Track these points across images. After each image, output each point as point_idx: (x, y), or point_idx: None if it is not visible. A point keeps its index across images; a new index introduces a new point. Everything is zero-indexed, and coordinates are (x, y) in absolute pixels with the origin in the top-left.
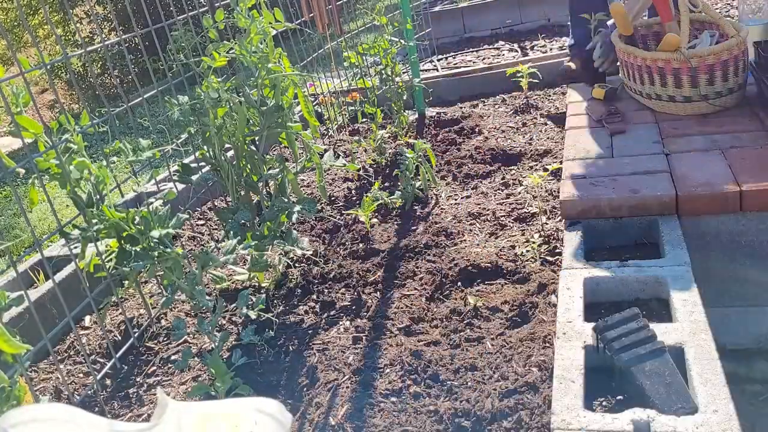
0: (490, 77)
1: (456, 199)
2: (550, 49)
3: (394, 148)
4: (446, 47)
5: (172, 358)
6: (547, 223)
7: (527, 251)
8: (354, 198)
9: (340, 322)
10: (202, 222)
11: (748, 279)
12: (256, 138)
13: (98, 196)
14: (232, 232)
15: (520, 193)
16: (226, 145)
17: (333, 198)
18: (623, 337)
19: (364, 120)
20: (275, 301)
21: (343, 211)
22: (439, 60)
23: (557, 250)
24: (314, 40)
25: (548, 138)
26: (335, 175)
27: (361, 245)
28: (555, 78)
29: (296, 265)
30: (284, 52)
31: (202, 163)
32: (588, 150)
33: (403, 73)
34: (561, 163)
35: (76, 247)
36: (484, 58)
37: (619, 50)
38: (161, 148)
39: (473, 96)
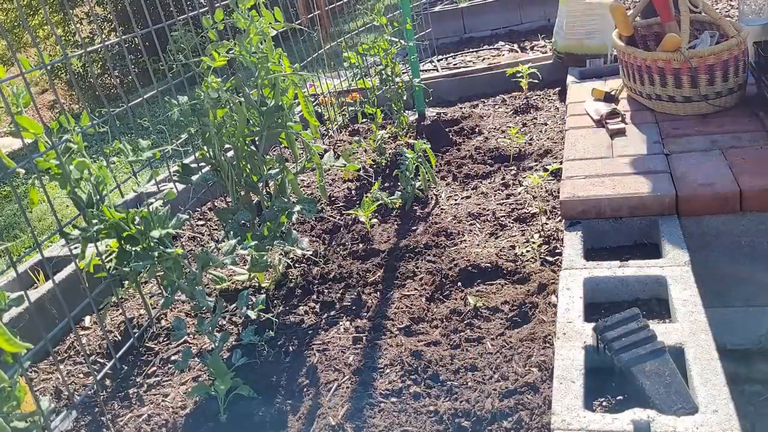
0: (490, 77)
1: (456, 200)
2: (551, 50)
3: (394, 148)
4: (446, 47)
5: (172, 358)
6: (547, 223)
7: (527, 251)
8: (354, 198)
9: (340, 323)
10: (202, 222)
11: (748, 279)
12: (256, 138)
13: (98, 197)
14: (232, 233)
15: (520, 193)
16: (226, 146)
17: (333, 198)
18: (623, 337)
19: (364, 120)
20: (275, 302)
21: (343, 212)
22: (439, 60)
23: (557, 250)
24: (314, 39)
25: (548, 138)
26: (335, 175)
27: (361, 245)
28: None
29: (296, 265)
30: (284, 52)
31: (202, 164)
32: (588, 150)
33: (403, 73)
34: (561, 163)
35: (76, 248)
36: (484, 59)
37: (619, 50)
38: (161, 149)
39: (473, 96)
